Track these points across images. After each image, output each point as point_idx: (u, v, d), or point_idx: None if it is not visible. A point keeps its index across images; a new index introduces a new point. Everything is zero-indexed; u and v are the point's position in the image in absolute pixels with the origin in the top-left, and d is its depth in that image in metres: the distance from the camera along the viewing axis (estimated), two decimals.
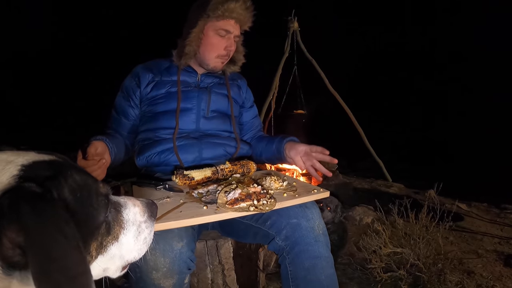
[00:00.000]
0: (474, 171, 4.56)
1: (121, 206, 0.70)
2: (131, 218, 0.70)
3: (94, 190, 0.60)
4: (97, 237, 0.61)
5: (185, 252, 1.04)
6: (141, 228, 0.72)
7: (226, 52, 1.52)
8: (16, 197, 0.46)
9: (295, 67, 3.66)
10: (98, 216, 0.60)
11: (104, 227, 0.62)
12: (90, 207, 0.58)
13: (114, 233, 0.66)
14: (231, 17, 1.46)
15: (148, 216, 0.74)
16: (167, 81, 1.53)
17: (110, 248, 0.65)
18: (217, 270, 1.43)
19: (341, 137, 4.56)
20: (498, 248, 2.32)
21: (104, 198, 0.62)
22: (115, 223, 0.66)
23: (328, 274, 1.13)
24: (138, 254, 0.72)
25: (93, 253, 0.61)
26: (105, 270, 0.67)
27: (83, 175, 0.59)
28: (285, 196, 1.13)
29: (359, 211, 2.74)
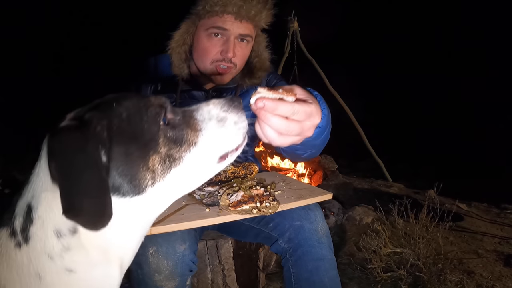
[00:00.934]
0: (474, 171, 4.56)
1: (192, 111, 0.68)
2: (206, 116, 0.67)
3: (142, 106, 0.61)
4: (157, 149, 0.60)
5: (187, 254, 1.04)
6: (222, 116, 0.67)
7: (223, 57, 1.23)
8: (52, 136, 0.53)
9: (295, 67, 3.66)
10: (149, 127, 0.60)
11: (163, 137, 0.61)
12: (139, 122, 0.60)
13: (186, 140, 0.63)
14: (226, 12, 1.16)
15: (228, 106, 0.69)
16: (170, 97, 1.31)
17: (187, 155, 0.63)
18: (217, 270, 1.43)
19: (341, 137, 4.56)
20: (498, 248, 2.33)
21: (155, 108, 0.62)
22: (187, 130, 0.64)
23: (331, 276, 1.13)
24: (238, 139, 0.68)
25: (155, 168, 0.60)
26: (196, 176, 0.67)
27: (133, 98, 0.62)
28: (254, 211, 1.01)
29: (359, 211, 2.75)
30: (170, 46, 1.28)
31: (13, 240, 0.55)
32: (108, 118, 0.57)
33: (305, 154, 1.11)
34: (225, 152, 0.68)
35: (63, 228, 0.55)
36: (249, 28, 1.23)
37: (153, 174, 0.60)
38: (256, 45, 1.35)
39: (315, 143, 0.95)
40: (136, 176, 0.58)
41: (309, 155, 1.13)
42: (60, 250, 0.55)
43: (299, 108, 0.67)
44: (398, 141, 6.12)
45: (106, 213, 0.52)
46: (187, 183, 0.66)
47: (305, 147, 1.00)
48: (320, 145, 1.02)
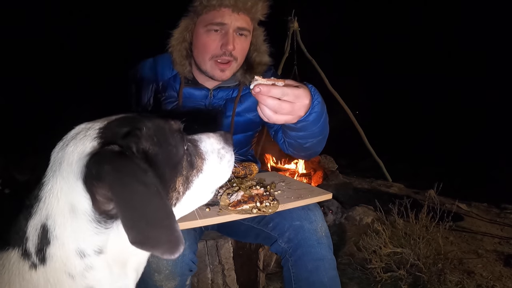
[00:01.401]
0: (474, 171, 4.56)
1: (197, 141, 0.74)
2: (209, 148, 0.74)
3: (167, 129, 0.64)
4: (182, 171, 0.65)
5: (187, 254, 1.04)
6: (221, 154, 0.76)
7: (223, 51, 1.22)
8: (99, 160, 0.52)
9: (295, 67, 3.66)
10: (177, 151, 0.64)
11: (185, 161, 0.66)
12: (169, 146, 0.63)
13: (197, 165, 0.70)
14: (223, 5, 1.17)
15: (224, 142, 0.78)
16: (172, 97, 1.34)
17: (196, 180, 0.69)
18: (217, 270, 1.43)
19: (341, 137, 4.56)
20: (498, 248, 2.33)
21: (178, 133, 0.66)
22: (196, 157, 0.70)
23: (330, 276, 1.13)
24: (225, 177, 0.78)
25: (179, 189, 0.64)
26: (194, 202, 0.72)
27: (154, 120, 0.64)
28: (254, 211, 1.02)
29: (359, 211, 2.75)
30: (171, 44, 1.28)
31: (27, 261, 0.54)
32: (145, 143, 0.58)
33: (307, 144, 1.17)
34: (218, 183, 0.77)
35: (88, 248, 0.54)
36: (247, 21, 1.23)
37: (178, 194, 0.64)
38: (254, 39, 1.34)
39: (314, 130, 1.07)
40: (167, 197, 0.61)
41: (310, 145, 1.18)
42: (82, 269, 0.54)
43: (288, 91, 0.86)
44: (398, 141, 6.12)
45: (180, 239, 0.53)
46: (191, 205, 0.72)
47: (305, 134, 1.10)
48: (319, 134, 1.12)
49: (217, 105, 1.36)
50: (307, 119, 0.99)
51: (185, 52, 1.30)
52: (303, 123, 1.01)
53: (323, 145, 1.26)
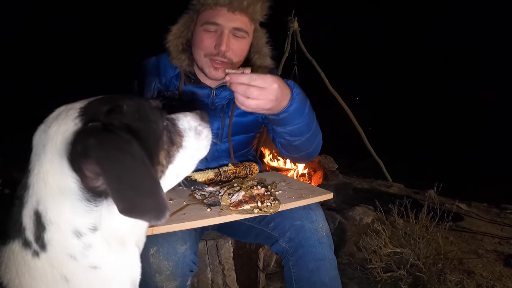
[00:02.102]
0: (474, 171, 4.57)
1: (174, 119, 0.78)
2: (186, 125, 0.78)
3: (148, 106, 0.67)
4: (163, 145, 0.68)
5: (188, 255, 1.04)
6: (198, 130, 0.80)
7: (217, 51, 1.21)
8: (84, 136, 0.53)
9: (295, 67, 3.66)
10: (157, 126, 0.67)
11: (166, 136, 0.69)
12: (150, 121, 0.65)
13: (176, 142, 0.73)
14: (218, 4, 1.16)
15: (200, 120, 0.82)
16: (173, 93, 1.33)
17: (177, 155, 0.72)
18: (217, 270, 1.43)
19: (341, 137, 4.56)
20: (498, 248, 2.33)
21: (157, 110, 0.69)
22: (175, 133, 0.74)
23: (331, 276, 1.13)
24: (205, 150, 0.82)
25: (163, 162, 0.68)
26: (178, 174, 0.74)
27: (134, 98, 0.66)
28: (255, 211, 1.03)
29: (359, 211, 2.75)
30: (168, 39, 1.29)
31: (29, 250, 0.55)
32: (127, 119, 0.60)
33: (295, 142, 1.21)
34: (198, 157, 0.80)
35: (82, 227, 0.55)
36: (244, 21, 1.21)
37: (162, 167, 0.67)
38: (255, 41, 1.32)
39: (299, 124, 1.13)
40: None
41: (300, 144, 1.21)
42: (82, 249, 0.55)
43: (254, 76, 0.95)
44: (398, 141, 6.12)
45: (165, 205, 0.55)
46: (176, 179, 0.75)
47: (292, 130, 1.15)
48: (305, 130, 1.17)
49: (220, 105, 1.36)
50: (288, 109, 1.06)
51: (181, 47, 1.31)
52: (284, 114, 1.07)
53: (315, 147, 1.27)
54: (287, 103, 1.05)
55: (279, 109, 1.06)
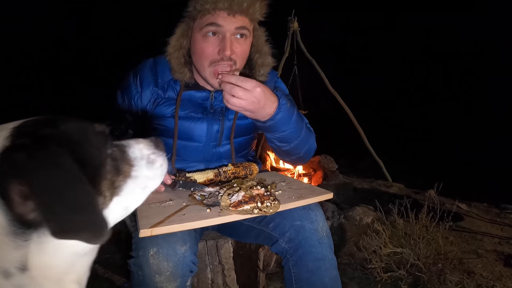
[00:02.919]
0: (474, 171, 4.56)
1: (124, 146, 0.72)
2: (137, 154, 0.72)
3: (90, 130, 0.62)
4: (105, 175, 0.62)
5: (188, 255, 1.04)
6: (151, 159, 0.74)
7: (221, 56, 1.19)
8: (11, 153, 0.48)
9: (295, 67, 3.66)
10: (99, 153, 0.61)
11: (110, 165, 0.63)
12: (90, 147, 0.60)
13: (124, 171, 0.67)
14: (218, 8, 1.13)
15: (154, 148, 0.76)
16: (172, 98, 1.32)
17: (124, 185, 0.66)
18: (217, 270, 1.43)
19: (341, 137, 4.56)
20: (498, 248, 2.33)
21: (101, 135, 0.64)
22: (123, 162, 0.68)
23: (331, 276, 1.13)
24: (159, 180, 0.76)
25: (105, 193, 0.62)
26: (126, 208, 0.69)
27: (75, 121, 0.61)
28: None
29: (359, 211, 2.75)
30: (168, 52, 1.26)
31: None
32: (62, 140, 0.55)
33: (285, 148, 1.28)
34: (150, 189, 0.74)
35: (10, 267, 0.50)
36: (244, 21, 1.20)
37: (104, 199, 0.61)
38: (255, 40, 1.31)
39: (286, 133, 1.20)
40: None
41: (289, 150, 1.29)
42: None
43: (242, 78, 1.05)
44: (398, 141, 6.12)
45: (103, 223, 0.51)
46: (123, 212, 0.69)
47: (280, 136, 1.22)
48: (293, 138, 1.24)
49: (219, 107, 1.35)
50: (275, 117, 1.13)
51: (183, 59, 1.28)
52: (271, 122, 1.15)
53: (306, 151, 1.33)
54: (273, 111, 1.12)
55: (264, 116, 1.13)
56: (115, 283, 1.88)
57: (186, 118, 1.31)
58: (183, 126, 1.31)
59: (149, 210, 1.03)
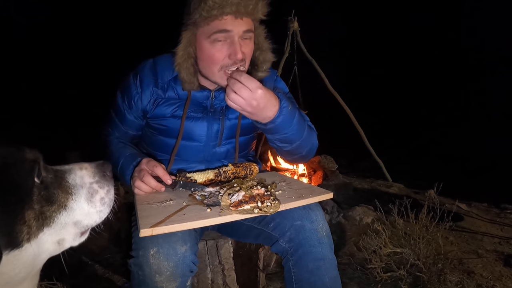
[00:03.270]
0: (474, 171, 4.56)
1: (64, 172, 0.67)
2: (77, 181, 0.67)
3: (16, 157, 0.59)
4: (31, 205, 0.59)
5: (188, 255, 1.04)
6: (93, 189, 0.68)
7: (232, 60, 1.18)
8: None
9: (295, 67, 3.65)
10: (24, 181, 0.58)
11: (38, 194, 0.60)
12: (13, 174, 0.57)
13: (58, 201, 0.63)
14: (225, 13, 1.11)
15: (100, 176, 0.70)
16: (172, 98, 1.32)
17: (57, 217, 0.63)
18: (217, 270, 1.43)
19: (341, 137, 4.56)
20: (498, 248, 2.33)
21: (30, 162, 0.61)
22: (58, 191, 0.64)
23: (331, 276, 1.13)
24: (98, 216, 0.69)
25: (31, 224, 0.59)
26: (60, 242, 0.65)
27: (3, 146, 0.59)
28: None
29: (359, 211, 2.75)
30: (177, 63, 1.23)
31: None
32: None
33: (286, 148, 1.30)
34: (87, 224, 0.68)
35: None
36: (249, 23, 1.20)
37: (29, 229, 0.59)
38: (256, 38, 1.30)
39: (287, 134, 1.22)
40: (13, 229, 0.56)
41: (291, 150, 1.31)
42: None
43: (248, 77, 1.08)
44: (398, 141, 6.12)
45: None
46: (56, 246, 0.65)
47: (281, 138, 1.24)
48: (295, 139, 1.25)
49: (219, 107, 1.35)
50: (275, 121, 1.14)
51: (193, 69, 1.26)
52: (271, 124, 1.16)
53: (309, 151, 1.35)
54: (274, 115, 1.13)
55: (264, 118, 1.14)
56: (115, 283, 1.88)
57: (187, 118, 1.31)
58: (183, 126, 1.32)
59: (150, 210, 1.03)
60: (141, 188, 1.14)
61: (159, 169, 1.15)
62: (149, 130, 1.39)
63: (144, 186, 1.14)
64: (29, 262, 0.61)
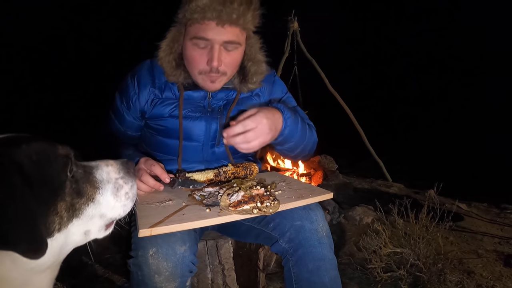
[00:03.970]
0: (474, 171, 4.56)
1: (92, 168, 0.71)
2: (104, 177, 0.71)
3: (51, 152, 0.63)
4: (64, 197, 0.63)
5: (187, 255, 1.04)
6: (118, 184, 0.73)
7: (209, 67, 1.17)
8: None
9: (295, 67, 3.66)
10: (58, 175, 0.62)
11: (70, 187, 0.64)
12: (48, 168, 0.61)
13: (87, 194, 0.67)
14: (206, 18, 1.09)
15: (124, 172, 0.75)
16: (170, 98, 1.32)
17: (85, 209, 0.67)
18: (217, 270, 1.43)
19: (341, 137, 4.56)
20: (498, 248, 2.33)
21: (63, 158, 0.64)
22: (86, 185, 0.68)
23: (331, 276, 1.13)
24: (123, 210, 0.73)
25: (63, 214, 0.63)
26: (86, 233, 0.69)
27: (39, 141, 0.63)
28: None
29: (359, 211, 2.75)
30: (159, 56, 1.24)
31: None
32: (19, 157, 0.57)
33: (294, 153, 1.34)
34: (111, 217, 0.73)
35: None
36: (235, 32, 1.16)
37: (61, 219, 0.63)
38: (248, 48, 1.28)
39: (295, 140, 1.24)
40: (47, 219, 0.60)
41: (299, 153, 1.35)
42: None
43: (247, 121, 1.03)
44: (398, 141, 6.12)
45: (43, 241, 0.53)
46: (83, 237, 0.69)
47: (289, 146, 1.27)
48: (301, 142, 1.29)
49: (216, 106, 1.35)
50: (283, 133, 1.16)
51: (174, 63, 1.26)
52: (280, 137, 1.17)
53: (311, 148, 1.40)
54: (281, 126, 1.15)
55: (277, 132, 1.14)
56: (115, 283, 1.87)
57: (185, 118, 1.32)
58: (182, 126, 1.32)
59: (149, 210, 1.03)
60: (140, 187, 1.14)
61: (157, 168, 1.14)
62: (148, 131, 1.39)
63: (143, 186, 1.14)
64: (56, 252, 0.64)
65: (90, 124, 2.01)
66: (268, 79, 1.43)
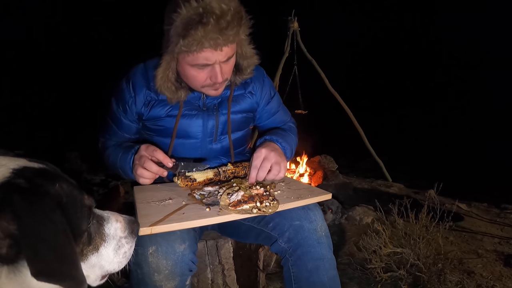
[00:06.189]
0: (474, 171, 4.56)
1: (103, 220, 0.75)
2: (112, 232, 0.75)
3: (79, 200, 0.66)
4: (79, 244, 0.65)
5: (187, 254, 1.04)
6: (121, 243, 0.76)
7: (213, 81, 1.20)
8: (7, 190, 0.51)
9: (295, 67, 3.66)
10: (80, 225, 0.65)
11: (85, 237, 0.67)
12: (74, 216, 0.63)
13: (95, 243, 0.71)
14: (204, 47, 1.09)
15: (129, 232, 0.79)
16: (164, 100, 1.32)
17: (90, 257, 0.70)
18: (217, 270, 1.43)
19: (341, 137, 4.56)
20: (498, 248, 2.33)
21: (87, 209, 0.67)
22: (96, 235, 0.71)
23: (330, 276, 1.14)
24: (118, 266, 0.77)
25: None
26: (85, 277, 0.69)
27: (70, 185, 0.64)
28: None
29: (359, 211, 2.75)
30: (158, 85, 1.24)
31: None
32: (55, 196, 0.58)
33: None
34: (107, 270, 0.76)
35: None
36: (231, 48, 1.18)
37: None
38: (239, 47, 1.29)
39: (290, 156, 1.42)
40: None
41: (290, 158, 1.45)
42: None
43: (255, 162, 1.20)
44: (398, 141, 6.12)
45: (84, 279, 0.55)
46: None
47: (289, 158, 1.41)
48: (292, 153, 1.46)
49: (211, 104, 1.37)
50: (287, 160, 1.35)
51: (174, 87, 1.26)
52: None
53: None
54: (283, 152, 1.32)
55: None
56: (115, 283, 1.87)
57: (182, 116, 1.33)
58: (179, 124, 1.33)
59: (149, 208, 1.03)
60: (144, 175, 1.15)
61: (159, 153, 1.15)
62: (146, 132, 1.41)
63: (146, 173, 1.15)
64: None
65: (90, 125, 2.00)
66: (258, 79, 1.46)
